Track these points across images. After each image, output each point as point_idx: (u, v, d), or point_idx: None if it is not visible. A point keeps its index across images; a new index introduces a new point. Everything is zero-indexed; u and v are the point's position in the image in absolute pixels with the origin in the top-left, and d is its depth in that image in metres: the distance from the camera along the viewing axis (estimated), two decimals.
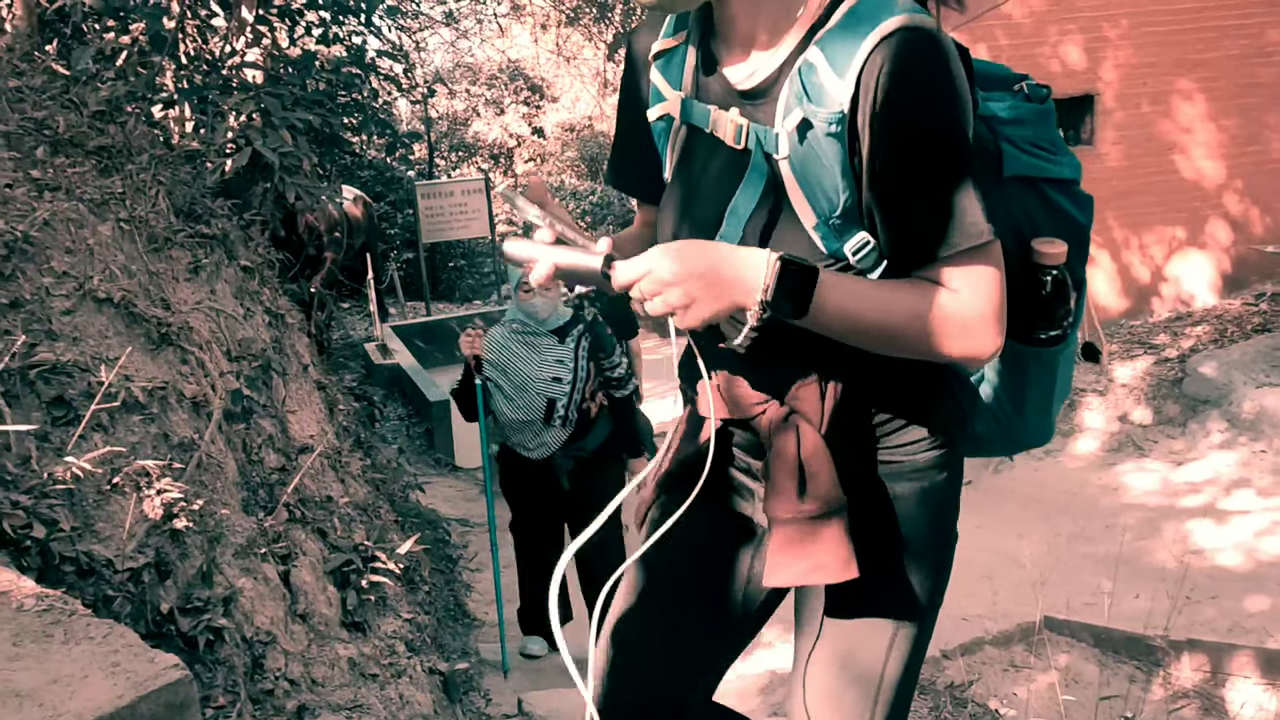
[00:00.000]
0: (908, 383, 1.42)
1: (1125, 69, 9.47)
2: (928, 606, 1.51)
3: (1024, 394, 1.56)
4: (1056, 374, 1.55)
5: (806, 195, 1.33)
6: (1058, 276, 1.45)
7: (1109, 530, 6.57)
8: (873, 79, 1.24)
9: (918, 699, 3.63)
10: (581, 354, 4.38)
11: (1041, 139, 1.48)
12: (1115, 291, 9.78)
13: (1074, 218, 1.51)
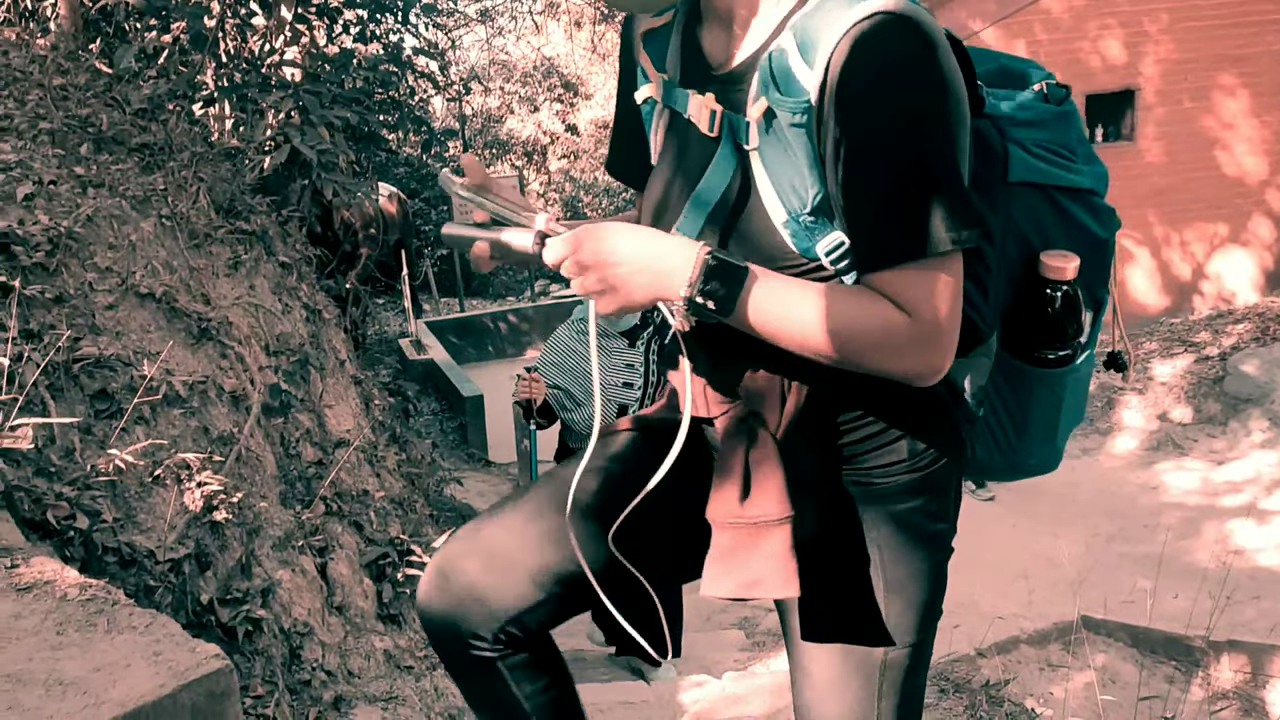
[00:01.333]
0: (889, 398, 1.30)
1: (1166, 64, 9.34)
2: (912, 642, 1.39)
3: (1027, 417, 1.44)
4: (1064, 397, 1.43)
5: (776, 189, 1.24)
6: (1068, 293, 1.35)
7: (1148, 530, 6.49)
8: (839, 68, 1.14)
9: (953, 698, 3.61)
10: (652, 357, 4.16)
11: (1057, 143, 1.36)
12: (1155, 289, 9.66)
13: (1091, 230, 1.38)
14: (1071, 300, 1.36)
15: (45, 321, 2.66)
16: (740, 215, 1.28)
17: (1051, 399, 1.43)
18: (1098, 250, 1.40)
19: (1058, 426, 1.46)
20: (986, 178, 1.30)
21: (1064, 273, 1.34)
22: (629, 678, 4.35)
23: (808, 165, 1.20)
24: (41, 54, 4.28)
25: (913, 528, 1.36)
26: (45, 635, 1.69)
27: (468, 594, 1.48)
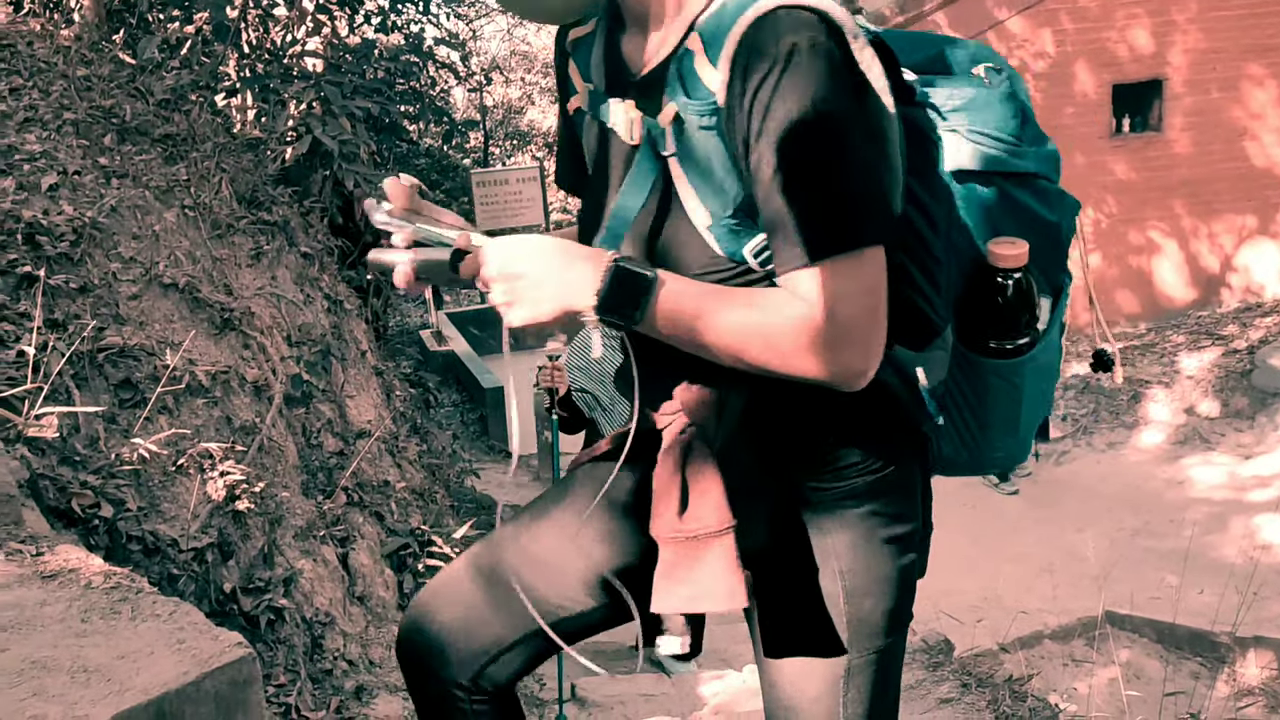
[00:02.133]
0: (837, 403, 1.25)
1: (1194, 54, 9.24)
2: (879, 647, 1.37)
3: (987, 410, 1.39)
4: (1024, 388, 1.37)
5: (698, 194, 1.21)
6: (1020, 281, 1.30)
7: (1174, 525, 6.43)
8: (741, 65, 1.12)
9: (975, 692, 3.59)
10: None
11: (995, 127, 1.30)
12: (1183, 281, 9.57)
13: (1039, 215, 1.33)
14: (1023, 288, 1.31)
15: (70, 311, 2.67)
16: (666, 222, 1.26)
17: (1010, 391, 1.38)
18: (1050, 235, 1.34)
19: (1020, 419, 1.41)
20: (923, 166, 1.28)
21: (1012, 260, 1.29)
22: (649, 670, 4.35)
23: (725, 167, 1.18)
24: (65, 45, 4.30)
25: (872, 532, 1.34)
26: (70, 622, 1.69)
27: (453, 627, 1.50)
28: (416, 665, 1.55)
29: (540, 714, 3.82)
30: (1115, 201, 9.44)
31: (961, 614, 5.02)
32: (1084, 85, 9.26)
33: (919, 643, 4.16)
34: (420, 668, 1.54)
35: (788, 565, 1.34)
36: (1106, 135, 9.36)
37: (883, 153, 1.17)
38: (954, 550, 6.38)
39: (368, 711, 2.64)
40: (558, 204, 19.41)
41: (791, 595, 1.36)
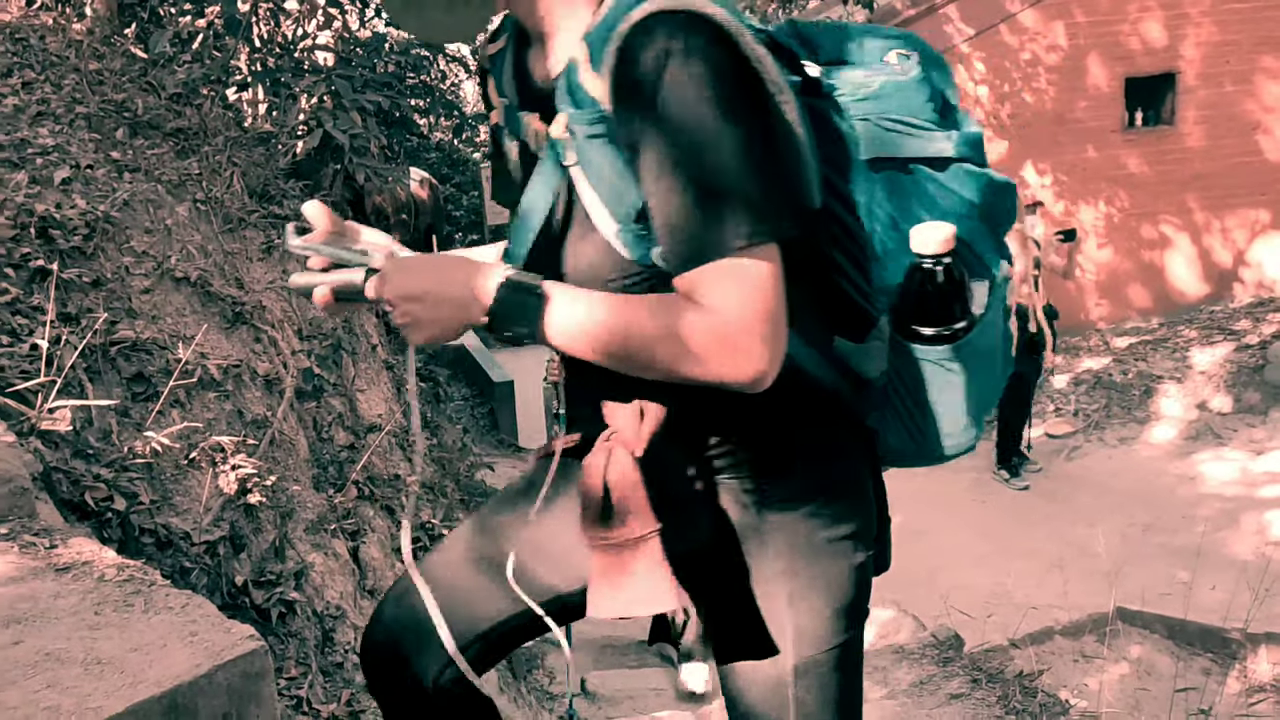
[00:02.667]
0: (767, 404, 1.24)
1: (1207, 47, 9.19)
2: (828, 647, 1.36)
3: (928, 399, 1.37)
4: (964, 376, 1.34)
5: (602, 201, 1.21)
6: (947, 266, 1.27)
7: (1186, 520, 6.41)
8: (620, 72, 1.13)
9: (986, 688, 3.58)
10: None
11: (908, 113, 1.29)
12: (1195, 276, 9.52)
13: (964, 198, 1.31)
14: (952, 274, 1.28)
15: (83, 305, 2.68)
16: (575, 233, 1.26)
17: (949, 378, 1.35)
18: (979, 218, 1.32)
19: (963, 406, 1.38)
20: (838, 158, 1.27)
21: (936, 245, 1.27)
22: (658, 664, 4.36)
23: (622, 174, 1.18)
24: (78, 39, 4.32)
25: (815, 532, 1.33)
26: (83, 615, 1.70)
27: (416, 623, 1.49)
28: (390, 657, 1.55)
29: (550, 707, 3.83)
30: (1127, 196, 9.40)
31: (972, 609, 5.01)
32: (1096, 79, 9.22)
33: (929, 638, 4.15)
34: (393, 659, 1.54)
35: (731, 568, 1.34)
36: (1119, 129, 9.32)
37: (774, 150, 1.16)
38: (964, 546, 6.37)
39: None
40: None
41: (735, 597, 1.35)
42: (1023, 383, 7.04)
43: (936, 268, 1.27)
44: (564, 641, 1.46)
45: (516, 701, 3.53)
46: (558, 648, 4.47)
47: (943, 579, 5.60)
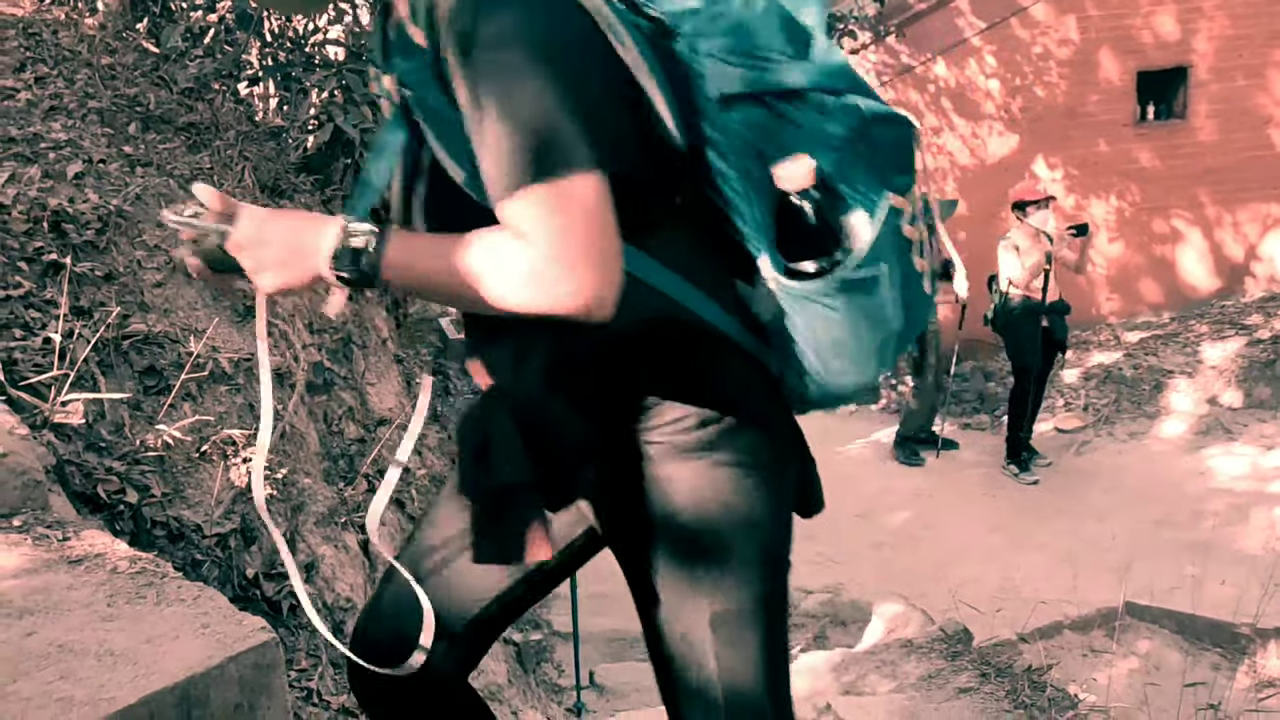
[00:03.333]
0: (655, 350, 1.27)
1: (1220, 40, 9.14)
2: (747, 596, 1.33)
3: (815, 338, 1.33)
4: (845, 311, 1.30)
5: (449, 152, 1.24)
6: (813, 199, 1.26)
7: (1196, 515, 6.39)
8: (432, 16, 1.16)
9: (994, 682, 3.58)
10: None
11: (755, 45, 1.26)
12: (1206, 270, 9.48)
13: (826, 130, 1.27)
14: (819, 207, 1.26)
15: (95, 298, 2.70)
16: (434, 184, 1.29)
17: (829, 316, 1.31)
18: (848, 150, 1.28)
19: (850, 345, 1.33)
20: (691, 95, 1.27)
21: (795, 180, 1.25)
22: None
23: (457, 120, 1.18)
24: (90, 33, 4.33)
25: (720, 480, 1.30)
26: (96, 607, 1.72)
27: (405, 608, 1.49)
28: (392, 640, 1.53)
29: (559, 700, 3.84)
30: (1138, 190, 9.37)
31: (980, 604, 5.00)
32: (1108, 72, 9.18)
33: (937, 632, 4.15)
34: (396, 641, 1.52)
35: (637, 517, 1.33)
36: (1130, 123, 9.28)
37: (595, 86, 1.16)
38: (973, 540, 6.37)
39: None
40: None
41: (643, 549, 1.34)
42: (1033, 377, 7.02)
43: (801, 203, 1.26)
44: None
45: (525, 694, 3.54)
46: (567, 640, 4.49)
47: (951, 573, 5.60)
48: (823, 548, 6.27)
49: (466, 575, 1.49)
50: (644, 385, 1.29)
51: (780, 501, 1.36)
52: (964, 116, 9.31)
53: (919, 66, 9.26)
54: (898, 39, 9.09)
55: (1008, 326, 7.03)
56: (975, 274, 8.49)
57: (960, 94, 9.28)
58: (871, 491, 7.34)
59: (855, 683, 3.87)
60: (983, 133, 9.34)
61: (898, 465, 7.76)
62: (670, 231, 1.29)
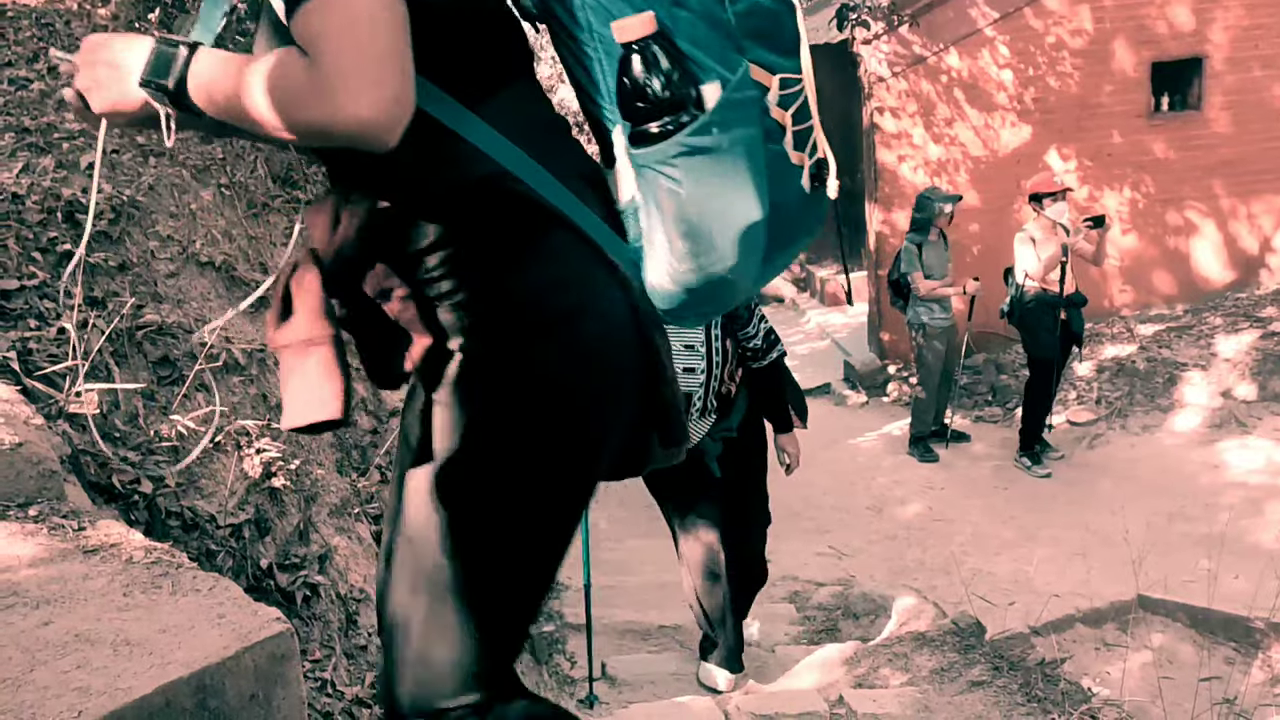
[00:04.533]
0: (479, 221, 1.21)
1: (1235, 31, 9.06)
2: (524, 501, 1.25)
3: (664, 218, 1.22)
4: (686, 184, 1.20)
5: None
6: (646, 53, 1.18)
7: (1209, 509, 6.36)
8: None
9: (1007, 675, 3.57)
10: (715, 334, 3.62)
11: None
12: (1221, 263, 9.43)
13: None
14: (651, 61, 1.18)
15: (109, 289, 2.70)
16: (262, 29, 1.27)
17: (671, 189, 1.21)
18: (695, 12, 1.20)
19: (697, 225, 1.22)
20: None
21: (631, 31, 1.18)
22: (678, 649, 4.37)
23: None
24: (102, 23, 4.33)
25: (526, 371, 1.23)
26: (112, 596, 1.72)
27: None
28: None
29: (571, 691, 3.85)
30: (1153, 181, 9.31)
31: (993, 596, 5.00)
32: (1122, 63, 9.12)
33: (950, 625, 4.15)
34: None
35: (441, 388, 1.27)
36: (1145, 114, 9.22)
37: None
38: (986, 533, 6.36)
39: None
40: None
41: (439, 418, 1.28)
42: (1048, 369, 6.98)
43: (632, 55, 1.19)
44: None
45: (538, 685, 3.55)
46: (578, 632, 4.49)
47: (963, 566, 5.59)
48: (834, 540, 6.27)
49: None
50: (461, 255, 1.22)
51: (585, 408, 1.25)
52: (977, 107, 9.26)
53: (932, 57, 9.21)
54: (911, 29, 9.04)
55: (1024, 320, 7.00)
56: (988, 265, 8.48)
57: (973, 85, 9.23)
58: (883, 484, 7.33)
59: (867, 675, 3.87)
60: (995, 124, 9.29)
61: (909, 458, 7.74)
62: (511, 100, 1.23)
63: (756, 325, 3.71)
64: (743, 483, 3.88)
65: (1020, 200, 9.28)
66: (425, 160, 1.20)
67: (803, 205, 1.31)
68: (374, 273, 1.25)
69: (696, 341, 3.57)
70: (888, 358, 9.71)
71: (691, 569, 3.84)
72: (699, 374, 3.58)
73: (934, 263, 7.18)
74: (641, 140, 1.21)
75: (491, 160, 1.19)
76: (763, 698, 3.61)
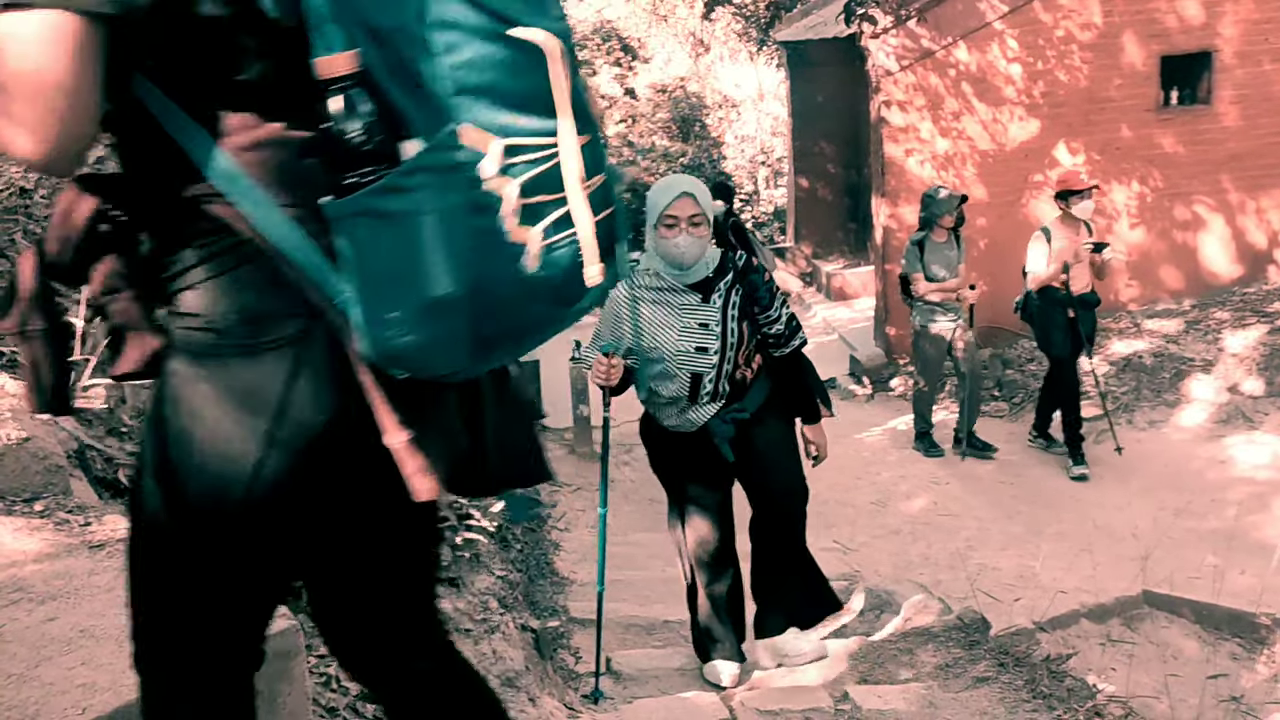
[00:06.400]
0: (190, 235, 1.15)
1: (1245, 24, 9.03)
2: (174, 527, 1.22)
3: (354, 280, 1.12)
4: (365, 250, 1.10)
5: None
6: (346, 94, 1.09)
7: (1216, 505, 6.35)
8: None
9: (1013, 671, 3.57)
10: (731, 314, 3.48)
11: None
12: (1229, 258, 9.40)
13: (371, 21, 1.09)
14: (350, 104, 1.09)
15: None
16: None
17: (344, 246, 1.11)
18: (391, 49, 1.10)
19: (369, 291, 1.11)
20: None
21: (331, 66, 1.09)
22: (683, 645, 4.37)
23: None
24: None
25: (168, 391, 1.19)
26: (118, 592, 1.72)
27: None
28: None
29: (576, 686, 3.85)
30: (1161, 176, 9.28)
31: (998, 592, 4.99)
32: (1131, 57, 9.09)
33: (954, 621, 4.14)
34: None
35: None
36: (1154, 108, 9.19)
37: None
38: (990, 527, 6.35)
39: None
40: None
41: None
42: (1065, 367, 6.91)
43: (332, 94, 1.10)
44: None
45: (542, 680, 3.55)
46: (584, 627, 4.50)
47: (969, 561, 5.58)
48: (839, 535, 6.26)
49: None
50: (173, 268, 1.18)
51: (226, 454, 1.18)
52: (985, 101, 9.24)
53: (940, 50, 9.18)
54: (919, 22, 9.02)
55: (1036, 318, 6.96)
56: (996, 260, 8.47)
57: (981, 78, 9.21)
58: (888, 479, 7.32)
59: (872, 671, 3.87)
60: (1004, 118, 9.26)
61: (914, 453, 7.73)
62: (254, 121, 1.15)
63: (778, 309, 3.56)
64: (759, 466, 3.70)
65: (1028, 194, 9.27)
66: (149, 166, 1.17)
67: (528, 289, 1.15)
68: (103, 268, 1.21)
69: (711, 320, 3.48)
70: (893, 352, 9.70)
71: (687, 556, 3.84)
72: (712, 354, 3.48)
73: (938, 262, 7.07)
74: (337, 190, 1.11)
75: (206, 177, 1.14)
76: (768, 693, 3.62)
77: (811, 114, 13.37)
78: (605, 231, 1.20)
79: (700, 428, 3.61)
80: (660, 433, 3.74)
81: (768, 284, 3.55)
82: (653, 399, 3.67)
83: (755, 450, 3.68)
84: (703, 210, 3.41)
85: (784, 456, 3.73)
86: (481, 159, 1.08)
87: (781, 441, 3.72)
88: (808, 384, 3.78)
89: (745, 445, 3.66)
